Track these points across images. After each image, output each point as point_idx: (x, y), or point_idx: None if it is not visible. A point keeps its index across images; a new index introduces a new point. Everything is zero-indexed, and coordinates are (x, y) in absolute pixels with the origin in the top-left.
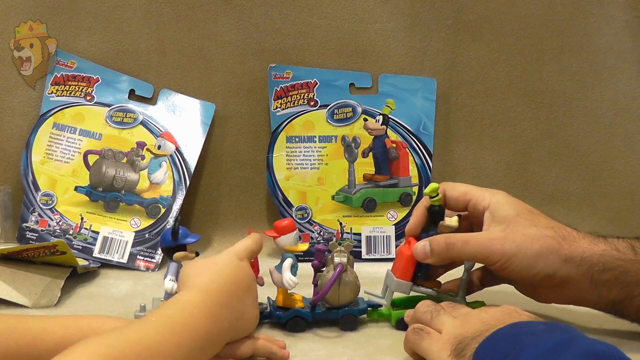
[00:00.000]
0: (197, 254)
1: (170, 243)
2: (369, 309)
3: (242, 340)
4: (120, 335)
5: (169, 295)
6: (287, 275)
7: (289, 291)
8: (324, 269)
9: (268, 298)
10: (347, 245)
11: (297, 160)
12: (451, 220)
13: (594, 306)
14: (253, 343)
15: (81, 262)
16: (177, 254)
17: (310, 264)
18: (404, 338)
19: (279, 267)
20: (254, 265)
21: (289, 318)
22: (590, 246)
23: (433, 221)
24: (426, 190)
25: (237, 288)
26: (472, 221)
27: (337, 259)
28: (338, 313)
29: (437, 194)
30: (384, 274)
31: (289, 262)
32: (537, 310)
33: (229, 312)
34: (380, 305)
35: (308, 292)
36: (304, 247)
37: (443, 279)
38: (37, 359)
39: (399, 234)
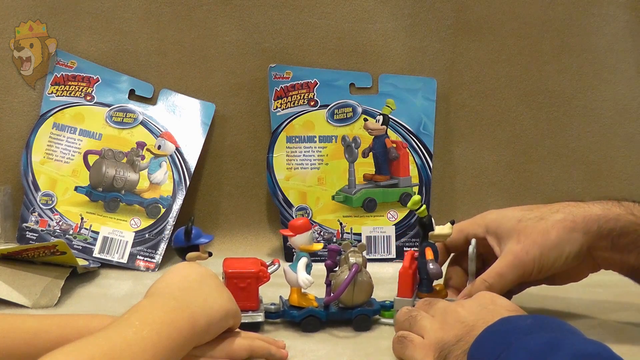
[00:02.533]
0: (210, 254)
1: (182, 243)
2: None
3: (239, 341)
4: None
5: None
6: (302, 275)
7: (302, 290)
8: (337, 268)
9: (280, 297)
10: (361, 245)
11: (297, 160)
12: (442, 228)
13: (619, 270)
14: (250, 343)
15: (81, 262)
16: (190, 254)
17: (321, 263)
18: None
19: (293, 266)
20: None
21: (303, 317)
22: (604, 212)
23: (425, 233)
24: (409, 205)
25: (189, 280)
26: (482, 253)
27: (352, 259)
28: (352, 313)
29: (421, 205)
30: (385, 275)
31: (303, 261)
32: (521, 302)
33: (188, 301)
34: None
35: (319, 291)
36: (318, 246)
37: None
38: (33, 358)
39: (399, 234)
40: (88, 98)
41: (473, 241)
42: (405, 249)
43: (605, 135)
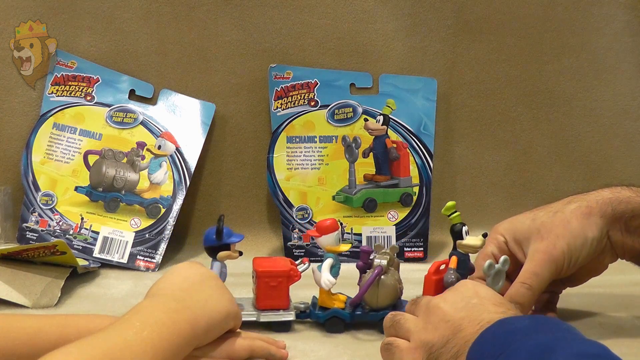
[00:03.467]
0: (241, 254)
1: (214, 242)
2: None
3: (239, 341)
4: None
5: None
6: (325, 276)
7: (333, 291)
8: (369, 270)
9: (313, 297)
10: (392, 247)
11: (297, 160)
12: (472, 239)
13: (631, 257)
14: (250, 343)
15: (81, 262)
16: (221, 254)
17: (351, 264)
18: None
19: (320, 267)
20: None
21: (327, 318)
22: (615, 195)
23: (454, 241)
24: (443, 210)
25: (190, 281)
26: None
27: (376, 261)
28: (377, 315)
29: (455, 211)
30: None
31: (328, 262)
32: None
33: (189, 302)
34: None
35: (354, 292)
36: (345, 247)
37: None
38: (33, 358)
39: (400, 234)
40: (88, 98)
41: (502, 258)
42: (405, 249)
43: (605, 135)
